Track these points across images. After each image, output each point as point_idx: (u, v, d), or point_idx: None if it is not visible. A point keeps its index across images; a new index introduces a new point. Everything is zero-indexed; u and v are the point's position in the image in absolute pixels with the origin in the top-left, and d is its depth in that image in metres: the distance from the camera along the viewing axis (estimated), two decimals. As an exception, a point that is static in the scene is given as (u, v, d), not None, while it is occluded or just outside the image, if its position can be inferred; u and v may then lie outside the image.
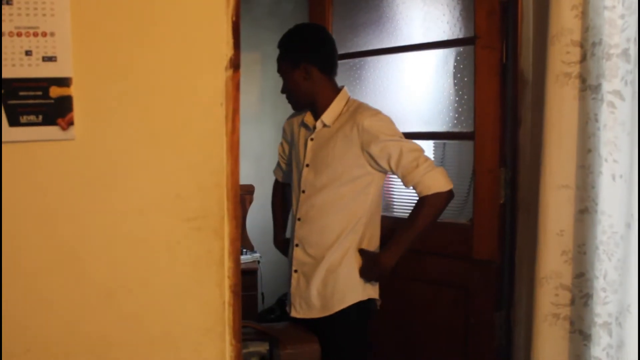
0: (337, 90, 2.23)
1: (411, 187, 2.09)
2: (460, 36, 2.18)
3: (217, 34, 1.43)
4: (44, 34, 1.29)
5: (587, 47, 1.51)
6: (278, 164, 2.66)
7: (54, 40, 1.30)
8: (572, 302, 1.64)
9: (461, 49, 2.21)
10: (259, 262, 3.71)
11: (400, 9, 2.51)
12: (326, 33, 2.30)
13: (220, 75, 1.44)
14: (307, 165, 2.20)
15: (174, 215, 1.42)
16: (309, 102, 2.23)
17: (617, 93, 1.45)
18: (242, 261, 3.63)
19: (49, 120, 1.32)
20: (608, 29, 1.45)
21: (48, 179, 1.35)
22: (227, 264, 1.48)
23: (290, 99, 2.30)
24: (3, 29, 1.27)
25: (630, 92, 1.44)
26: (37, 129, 1.31)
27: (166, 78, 1.40)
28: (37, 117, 1.31)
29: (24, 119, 1.30)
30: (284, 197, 2.67)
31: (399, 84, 2.61)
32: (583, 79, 1.53)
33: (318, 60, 2.18)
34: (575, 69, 1.55)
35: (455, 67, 2.31)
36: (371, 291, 2.21)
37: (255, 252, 3.82)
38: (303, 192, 2.22)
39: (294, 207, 2.29)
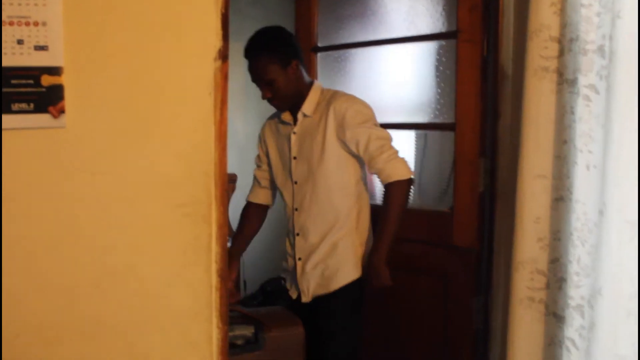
0: (310, 81, 2.32)
1: (375, 174, 2.22)
2: (443, 30, 2.23)
3: (206, 26, 1.46)
4: (36, 24, 1.32)
5: (565, 43, 1.57)
6: (254, 186, 2.65)
7: (46, 30, 1.32)
8: (547, 286, 1.71)
9: (444, 42, 2.26)
10: (240, 249, 3.75)
11: (385, 3, 2.55)
12: (289, 31, 2.41)
13: (209, 65, 1.47)
14: (295, 158, 2.29)
15: (163, 202, 1.46)
16: (296, 98, 2.29)
17: (593, 87, 1.52)
18: (225, 249, 3.70)
19: (40, 108, 1.34)
20: (585, 25, 1.51)
21: (39, 166, 1.37)
22: (215, 249, 1.52)
23: (279, 100, 2.32)
24: (-5, 18, 1.30)
25: (604, 86, 1.51)
26: (29, 117, 1.34)
27: (156, 68, 1.43)
28: (29, 105, 1.34)
29: (15, 106, 1.33)
30: (255, 219, 2.66)
31: (383, 75, 2.66)
32: (560, 73, 1.59)
33: (299, 55, 2.27)
34: (553, 64, 1.61)
35: (437, 60, 2.36)
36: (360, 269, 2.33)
37: None
38: (295, 183, 2.31)
39: (289, 201, 2.37)
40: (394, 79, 2.61)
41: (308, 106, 2.26)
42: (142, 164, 1.43)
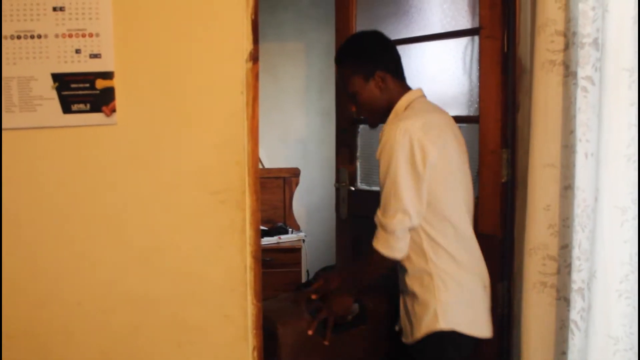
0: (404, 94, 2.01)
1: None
2: (468, 27, 2.31)
3: (238, 31, 1.61)
4: (91, 35, 1.51)
5: (569, 37, 1.66)
6: None
7: (99, 40, 1.52)
8: (558, 271, 1.80)
9: (472, 38, 2.33)
10: (303, 240, 3.92)
11: (417, 2, 2.65)
12: (384, 36, 2.09)
13: (241, 67, 1.62)
14: None
15: (201, 189, 1.62)
16: (384, 114, 2.01)
17: (589, 78, 1.61)
18: (288, 240, 3.90)
19: (95, 108, 1.54)
20: (582, 20, 1.61)
21: (95, 158, 1.57)
22: (249, 232, 1.67)
23: (365, 115, 2.08)
24: (57, 32, 1.50)
25: (598, 78, 1.60)
26: (86, 116, 1.54)
27: (193, 70, 1.59)
28: (86, 105, 1.54)
29: (75, 107, 1.53)
30: None
31: (414, 72, 2.76)
32: (566, 66, 1.68)
33: (388, 65, 2.00)
34: (559, 57, 1.70)
35: (465, 55, 2.44)
36: (459, 320, 1.89)
37: (301, 231, 4.02)
38: None
39: None
40: (425, 74, 2.70)
41: (387, 123, 1.98)
42: (182, 155, 1.60)
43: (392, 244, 1.83)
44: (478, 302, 1.96)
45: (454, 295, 1.87)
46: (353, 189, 2.49)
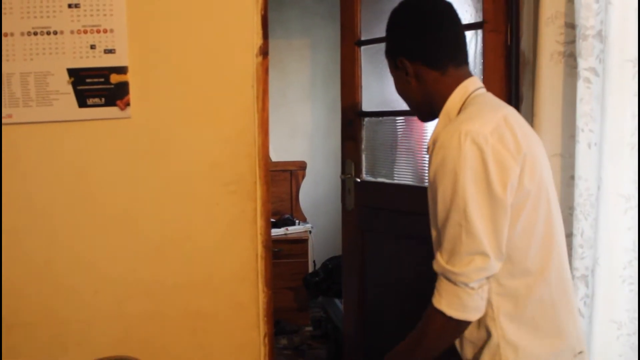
0: (454, 86, 1.40)
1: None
2: (472, 21, 2.32)
3: (248, 26, 1.65)
4: (105, 31, 1.56)
5: (576, 29, 1.69)
6: None
7: (113, 36, 1.56)
8: (564, 258, 1.83)
9: (475, 32, 2.34)
10: (310, 232, 3.98)
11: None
12: (433, 7, 1.44)
13: (251, 61, 1.66)
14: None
15: (212, 181, 1.67)
16: (427, 110, 1.46)
17: (593, 70, 1.64)
18: (295, 231, 3.95)
19: (110, 102, 1.58)
20: (585, 12, 1.63)
21: (109, 150, 1.62)
22: (259, 222, 1.71)
23: (410, 108, 1.52)
24: (72, 28, 1.54)
25: (602, 69, 1.63)
26: (101, 110, 1.58)
27: (206, 65, 1.63)
28: (101, 99, 1.58)
29: (90, 101, 1.57)
30: None
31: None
32: (574, 57, 1.71)
33: (419, 50, 1.41)
34: (567, 49, 1.73)
35: (469, 49, 2.46)
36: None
37: (307, 222, 4.09)
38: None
39: None
40: None
41: (434, 132, 1.39)
42: (194, 147, 1.65)
43: (466, 301, 1.27)
44: None
45: None
46: (359, 180, 2.51)
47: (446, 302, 1.28)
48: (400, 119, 2.51)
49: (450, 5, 1.44)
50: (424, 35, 1.41)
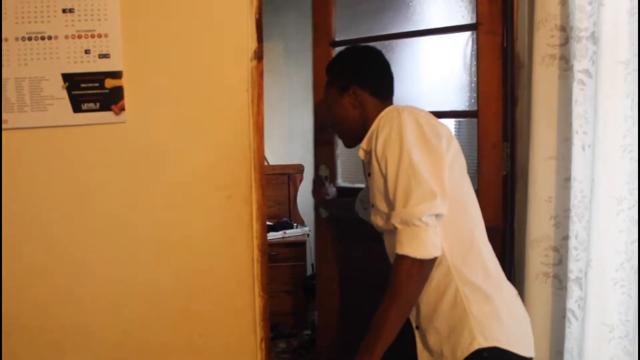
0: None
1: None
2: (462, 23, 2.32)
3: (243, 30, 1.65)
4: (100, 35, 1.56)
5: (568, 31, 1.69)
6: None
7: (108, 40, 1.56)
8: (560, 261, 1.84)
9: (467, 34, 2.34)
10: (308, 235, 3.96)
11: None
12: (375, 54, 1.83)
13: (246, 65, 1.66)
14: (373, 206, 1.64)
15: (208, 185, 1.66)
16: (358, 135, 1.73)
17: (587, 72, 1.64)
18: (292, 234, 3.94)
19: (104, 107, 1.58)
20: (578, 14, 1.64)
21: (104, 155, 1.61)
22: (255, 226, 1.71)
23: (336, 133, 1.89)
24: (66, 33, 1.54)
25: (595, 71, 1.64)
26: (95, 114, 1.58)
27: (201, 69, 1.63)
28: (95, 104, 1.58)
29: (85, 106, 1.57)
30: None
31: (408, 68, 2.75)
32: (566, 60, 1.72)
33: (369, 82, 1.74)
34: (558, 51, 1.74)
35: (456, 51, 2.45)
36: (499, 335, 1.48)
37: (305, 226, 4.09)
38: (381, 234, 1.69)
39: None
40: (419, 70, 2.70)
41: (365, 140, 1.68)
42: (189, 152, 1.65)
43: (424, 237, 1.42)
44: (517, 315, 1.57)
45: (489, 308, 1.50)
46: (334, 187, 2.49)
47: (407, 246, 1.44)
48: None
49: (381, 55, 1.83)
50: (376, 70, 1.77)
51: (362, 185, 2.32)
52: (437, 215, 1.45)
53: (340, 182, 2.51)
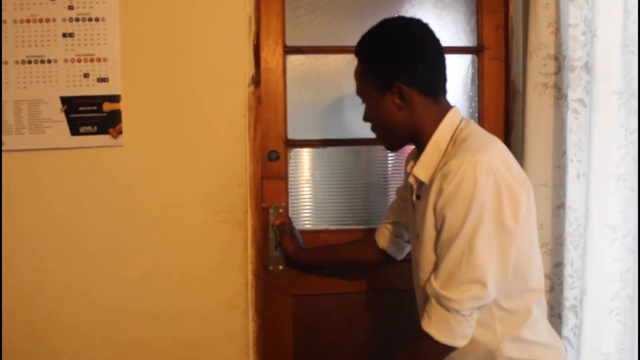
0: (440, 115, 1.38)
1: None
2: (461, 45, 2.30)
3: (240, 56, 1.67)
4: (99, 60, 1.57)
5: (561, 60, 1.72)
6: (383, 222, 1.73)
7: (107, 65, 1.57)
8: (552, 288, 1.83)
9: (467, 58, 2.31)
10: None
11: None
12: (424, 32, 1.39)
13: (243, 90, 1.68)
14: (418, 236, 1.40)
15: (204, 209, 1.67)
16: (405, 140, 1.44)
17: (581, 101, 1.66)
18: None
19: (102, 130, 1.59)
20: (572, 44, 1.67)
21: (101, 178, 1.62)
22: (250, 251, 1.71)
23: (377, 137, 1.47)
24: (66, 57, 1.55)
25: (589, 100, 1.66)
26: (93, 137, 1.59)
27: (198, 94, 1.64)
28: (93, 127, 1.59)
29: (82, 129, 1.58)
30: (361, 248, 1.77)
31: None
32: (558, 88, 1.74)
33: (418, 75, 1.36)
34: (551, 80, 1.75)
35: (454, 74, 2.42)
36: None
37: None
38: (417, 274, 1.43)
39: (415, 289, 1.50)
40: None
41: (421, 167, 1.37)
42: (186, 176, 1.65)
43: (455, 327, 1.28)
44: None
45: None
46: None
47: (435, 325, 1.29)
48: (352, 148, 1.95)
49: (433, 34, 1.41)
50: (425, 62, 1.37)
51: (330, 227, 1.94)
52: (482, 306, 1.29)
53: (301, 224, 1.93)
